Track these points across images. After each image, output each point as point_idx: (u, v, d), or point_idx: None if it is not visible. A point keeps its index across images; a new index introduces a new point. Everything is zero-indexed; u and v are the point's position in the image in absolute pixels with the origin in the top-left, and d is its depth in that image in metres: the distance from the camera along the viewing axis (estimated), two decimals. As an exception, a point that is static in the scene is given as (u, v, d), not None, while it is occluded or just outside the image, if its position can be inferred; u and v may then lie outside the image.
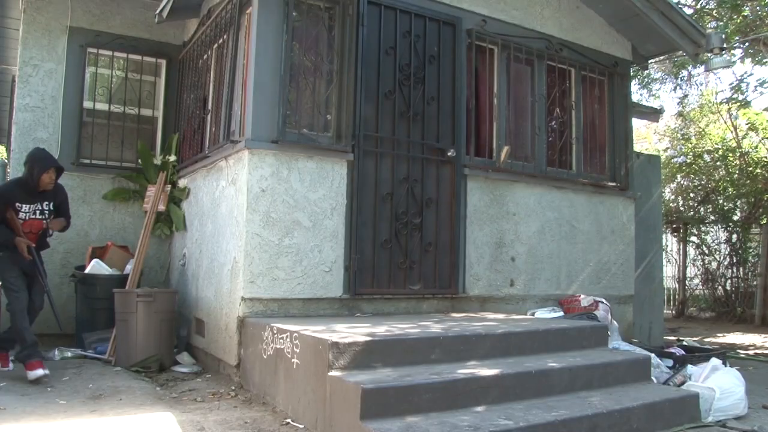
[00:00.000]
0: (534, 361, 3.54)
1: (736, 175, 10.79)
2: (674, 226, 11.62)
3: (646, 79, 12.40)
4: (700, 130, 12.23)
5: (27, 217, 4.42)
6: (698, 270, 11.47)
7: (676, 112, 12.89)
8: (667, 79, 12.93)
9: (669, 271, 11.33)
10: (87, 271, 5.33)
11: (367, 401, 2.74)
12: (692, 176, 11.76)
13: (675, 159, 12.16)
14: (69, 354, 4.99)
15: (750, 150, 10.92)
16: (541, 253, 5.55)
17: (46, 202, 4.51)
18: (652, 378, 3.93)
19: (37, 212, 4.47)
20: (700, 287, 11.45)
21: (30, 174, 4.37)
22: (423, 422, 2.75)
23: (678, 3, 7.56)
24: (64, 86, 5.93)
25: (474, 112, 5.31)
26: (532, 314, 5.12)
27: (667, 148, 13.66)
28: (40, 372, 4.10)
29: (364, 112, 4.63)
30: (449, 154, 4.99)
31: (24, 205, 4.40)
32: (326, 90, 4.65)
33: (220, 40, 5.14)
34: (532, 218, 5.51)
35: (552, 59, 5.82)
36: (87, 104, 6.08)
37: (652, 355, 4.27)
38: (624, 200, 6.21)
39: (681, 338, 7.23)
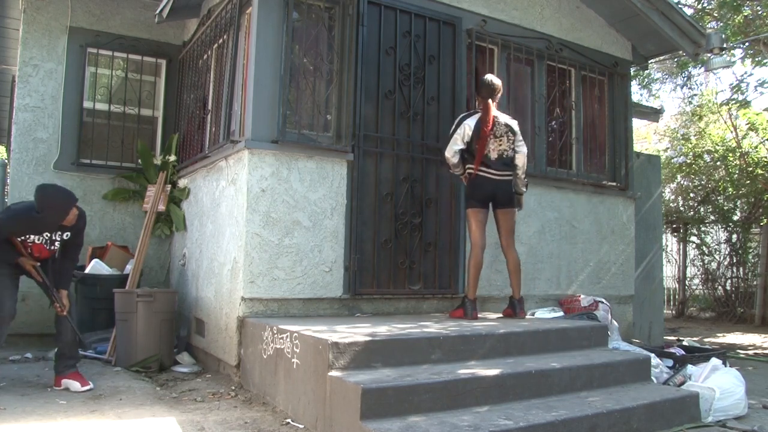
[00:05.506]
0: (534, 361, 3.54)
1: (736, 175, 10.77)
2: (674, 226, 11.62)
3: (646, 79, 12.39)
4: (700, 130, 12.21)
5: (36, 241, 3.95)
6: (698, 270, 11.47)
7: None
8: (667, 79, 12.92)
9: (669, 271, 11.33)
10: (87, 271, 5.33)
11: (367, 401, 2.74)
12: (692, 176, 11.74)
13: (675, 159, 12.15)
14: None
15: (750, 150, 10.90)
16: (541, 253, 5.55)
17: (60, 233, 3.99)
18: (652, 378, 3.93)
19: (47, 242, 3.98)
20: (700, 287, 11.45)
21: (50, 214, 3.81)
22: (423, 422, 2.75)
23: (678, 3, 7.55)
24: (64, 86, 5.93)
25: (474, 112, 5.31)
26: (532, 314, 5.11)
27: (667, 148, 13.64)
28: None
29: (364, 112, 4.63)
30: (449, 154, 4.99)
31: (33, 236, 3.92)
32: (326, 90, 4.65)
33: (220, 40, 5.15)
34: (532, 218, 5.51)
35: (552, 59, 5.82)
36: (87, 104, 6.08)
37: (652, 355, 4.26)
38: (624, 200, 6.21)
39: (681, 338, 7.22)
